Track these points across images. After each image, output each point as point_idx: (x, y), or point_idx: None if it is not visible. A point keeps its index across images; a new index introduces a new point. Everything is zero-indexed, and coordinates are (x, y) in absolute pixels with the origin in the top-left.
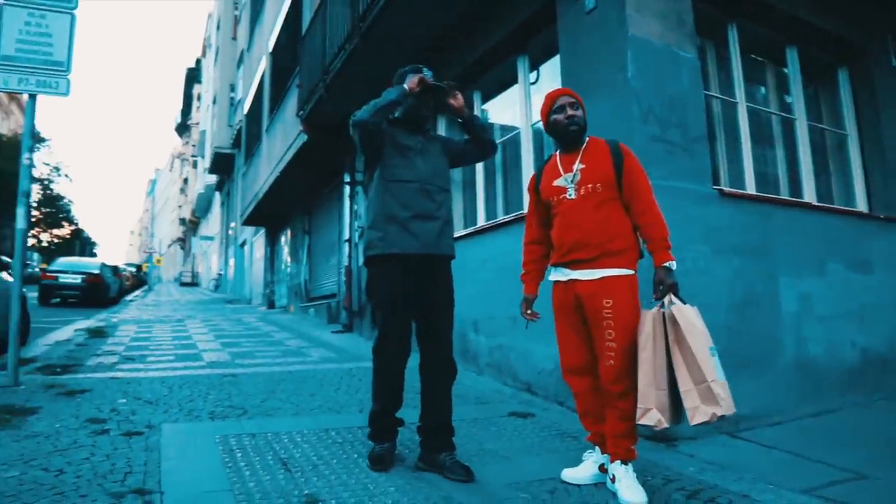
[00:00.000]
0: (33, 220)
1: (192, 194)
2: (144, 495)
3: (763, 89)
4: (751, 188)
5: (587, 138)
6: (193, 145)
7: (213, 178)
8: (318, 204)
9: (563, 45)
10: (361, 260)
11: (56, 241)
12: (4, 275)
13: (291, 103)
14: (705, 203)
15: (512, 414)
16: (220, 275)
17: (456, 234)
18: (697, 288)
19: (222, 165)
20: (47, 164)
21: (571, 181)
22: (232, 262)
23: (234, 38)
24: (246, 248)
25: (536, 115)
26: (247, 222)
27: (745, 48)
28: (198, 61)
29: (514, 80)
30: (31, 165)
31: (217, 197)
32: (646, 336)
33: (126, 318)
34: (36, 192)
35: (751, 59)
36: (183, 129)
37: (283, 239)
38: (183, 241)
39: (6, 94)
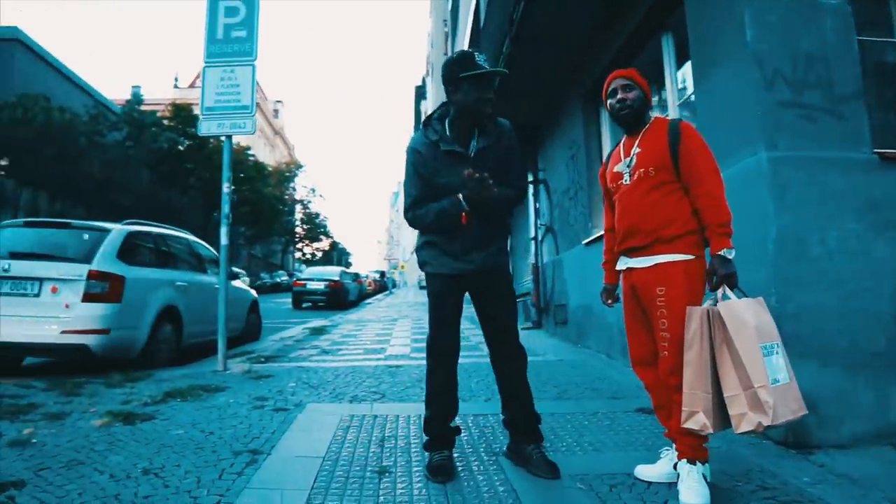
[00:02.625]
0: (297, 236)
1: None
2: (255, 454)
3: None
4: None
5: (652, 119)
6: None
7: None
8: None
9: (689, 15)
10: (546, 258)
11: (317, 253)
12: (238, 283)
13: None
14: (859, 171)
15: (639, 410)
16: None
17: (594, 236)
18: (846, 272)
19: None
20: (305, 187)
21: (628, 166)
22: None
23: (446, 55)
24: None
25: (683, 94)
26: None
27: None
28: (423, 79)
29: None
30: (231, 194)
31: None
32: (692, 334)
33: (351, 319)
34: (298, 212)
35: None
36: None
37: None
38: None
39: (271, 129)
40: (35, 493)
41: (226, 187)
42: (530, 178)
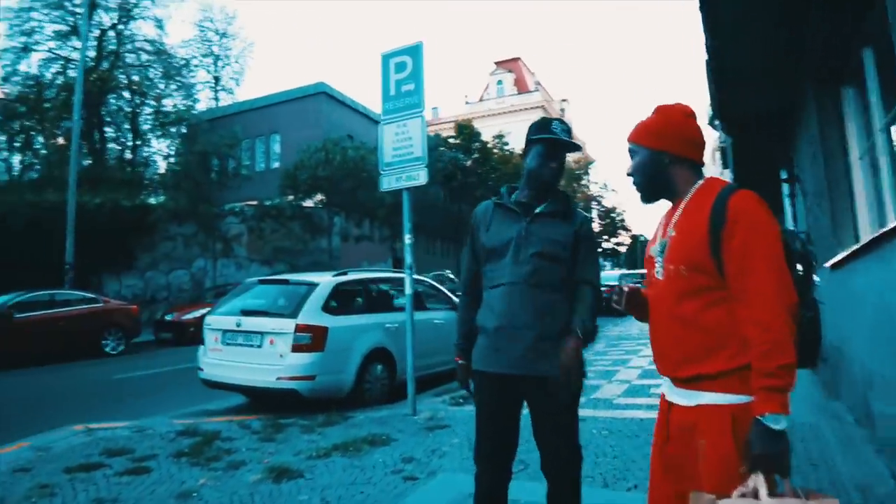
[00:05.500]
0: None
1: None
2: None
3: None
4: None
5: (701, 183)
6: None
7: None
8: (773, 207)
9: None
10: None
11: (618, 248)
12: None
13: None
14: None
15: None
16: None
17: (840, 256)
18: None
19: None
20: (595, 183)
21: (661, 252)
22: None
23: None
24: None
25: None
26: None
27: None
28: None
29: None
30: (412, 243)
31: None
32: None
33: (611, 334)
34: (594, 208)
35: None
36: (713, 122)
37: None
38: None
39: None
40: None
41: (407, 238)
42: (784, 177)
